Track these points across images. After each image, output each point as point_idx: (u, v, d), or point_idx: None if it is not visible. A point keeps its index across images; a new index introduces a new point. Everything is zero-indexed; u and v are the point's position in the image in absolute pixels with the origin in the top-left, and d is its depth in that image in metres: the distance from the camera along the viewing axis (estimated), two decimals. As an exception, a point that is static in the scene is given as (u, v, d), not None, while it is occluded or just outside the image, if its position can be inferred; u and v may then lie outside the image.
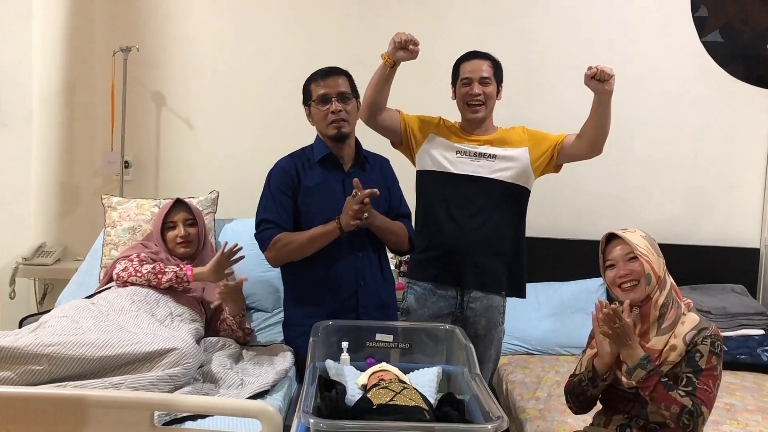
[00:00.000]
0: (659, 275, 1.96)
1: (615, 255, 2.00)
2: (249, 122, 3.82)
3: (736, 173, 3.83)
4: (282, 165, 2.59)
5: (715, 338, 1.89)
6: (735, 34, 3.73)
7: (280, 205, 2.50)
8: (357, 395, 1.94)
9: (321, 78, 2.52)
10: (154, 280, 2.43)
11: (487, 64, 2.66)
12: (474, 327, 2.64)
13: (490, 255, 2.66)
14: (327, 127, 2.51)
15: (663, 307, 1.95)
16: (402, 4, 3.77)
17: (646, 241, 1.98)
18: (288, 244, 2.48)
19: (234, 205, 3.42)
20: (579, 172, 3.77)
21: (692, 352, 1.88)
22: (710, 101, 3.78)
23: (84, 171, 3.86)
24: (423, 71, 3.61)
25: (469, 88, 2.63)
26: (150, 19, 3.78)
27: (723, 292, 3.53)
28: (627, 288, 1.98)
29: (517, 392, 2.91)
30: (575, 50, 3.75)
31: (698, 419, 1.80)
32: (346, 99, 2.52)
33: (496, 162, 2.66)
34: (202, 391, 2.04)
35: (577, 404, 2.09)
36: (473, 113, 2.65)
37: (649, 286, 1.94)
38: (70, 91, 3.81)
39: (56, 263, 3.69)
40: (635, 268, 1.96)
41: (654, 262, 1.95)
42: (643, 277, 1.95)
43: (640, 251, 1.95)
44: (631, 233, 2.00)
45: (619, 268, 1.99)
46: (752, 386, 3.03)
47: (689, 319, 1.94)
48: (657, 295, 1.95)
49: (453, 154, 2.67)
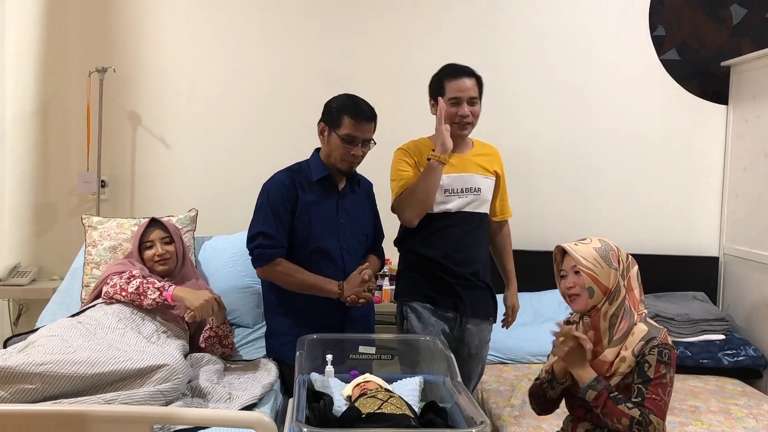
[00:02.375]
0: (607, 287, 1.95)
1: (566, 266, 2.03)
2: (225, 140, 3.88)
3: (695, 185, 3.98)
4: (282, 179, 2.58)
5: (663, 347, 1.91)
6: (691, 52, 3.91)
7: (279, 220, 2.52)
8: (343, 406, 2.00)
9: (355, 118, 2.49)
10: (137, 301, 2.46)
11: (473, 82, 2.67)
12: (468, 347, 2.71)
13: (481, 284, 2.75)
14: (341, 161, 2.55)
15: (613, 317, 1.96)
16: (374, 21, 3.87)
17: (597, 253, 1.97)
18: (286, 274, 2.52)
19: (211, 223, 3.48)
20: (547, 186, 3.93)
21: (641, 362, 1.91)
22: (669, 116, 3.94)
23: (59, 190, 3.87)
24: (396, 86, 3.73)
25: (459, 109, 2.63)
26: (126, 40, 3.82)
27: (685, 299, 3.66)
28: (572, 298, 2.01)
29: (492, 400, 3.01)
30: (538, 67, 3.90)
31: (648, 428, 1.83)
32: (368, 145, 2.56)
33: (481, 195, 2.73)
34: (192, 405, 2.09)
35: (538, 405, 2.15)
36: (461, 129, 2.68)
37: (592, 298, 1.96)
38: (45, 111, 3.83)
39: (32, 283, 3.69)
40: (578, 281, 1.98)
41: (600, 275, 1.95)
42: (584, 290, 1.97)
43: (584, 265, 1.95)
44: (583, 245, 2.00)
45: (568, 279, 2.02)
46: (715, 389, 3.17)
47: (638, 329, 1.95)
48: (605, 307, 1.96)
49: (441, 193, 2.67)
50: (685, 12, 3.89)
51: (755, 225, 3.65)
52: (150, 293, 2.47)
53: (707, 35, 3.91)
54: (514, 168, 2.95)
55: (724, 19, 3.89)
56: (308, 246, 2.55)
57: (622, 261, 2.00)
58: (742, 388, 3.22)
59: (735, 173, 3.87)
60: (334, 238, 2.58)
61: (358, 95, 2.59)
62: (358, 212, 2.69)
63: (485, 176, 2.76)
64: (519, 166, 3.67)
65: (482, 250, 2.79)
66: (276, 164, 2.70)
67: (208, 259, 3.17)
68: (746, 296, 3.72)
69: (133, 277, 2.51)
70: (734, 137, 3.88)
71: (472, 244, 2.72)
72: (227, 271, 3.11)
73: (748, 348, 3.40)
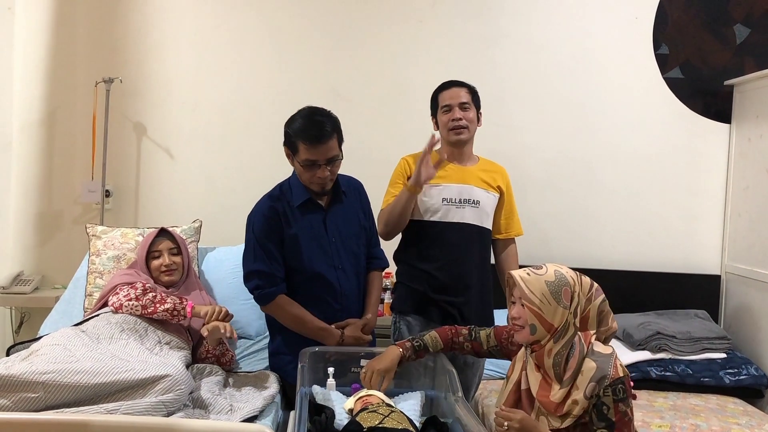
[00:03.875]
0: (551, 325, 1.84)
1: (516, 294, 1.92)
2: (229, 152, 3.90)
3: (697, 203, 3.98)
4: (263, 211, 2.53)
5: (615, 384, 1.79)
6: (694, 71, 3.93)
7: (269, 254, 2.49)
8: (344, 420, 2.01)
9: (309, 142, 2.39)
10: (150, 307, 2.47)
11: (464, 90, 2.76)
12: (464, 357, 2.68)
13: (475, 299, 2.75)
14: (311, 184, 2.50)
15: (557, 356, 1.84)
16: (379, 36, 3.90)
17: (548, 287, 1.84)
18: (287, 310, 2.51)
19: (215, 234, 3.49)
20: (548, 202, 3.93)
21: (598, 405, 1.80)
22: (672, 134, 3.95)
23: (63, 199, 3.89)
24: (400, 101, 3.74)
25: (451, 114, 2.72)
26: (133, 51, 3.85)
27: (687, 317, 3.65)
28: (516, 329, 1.92)
29: (493, 416, 2.99)
30: (541, 84, 3.92)
31: None
32: (334, 161, 2.46)
33: (480, 208, 2.75)
34: (194, 416, 2.08)
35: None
36: (457, 135, 2.73)
37: (534, 335, 1.86)
38: (51, 121, 3.85)
39: (34, 292, 3.70)
40: (522, 314, 1.88)
41: (546, 312, 1.83)
42: (527, 326, 1.86)
43: (528, 299, 1.84)
44: (535, 276, 1.87)
45: (515, 308, 1.92)
46: (716, 408, 3.15)
47: (587, 368, 1.82)
48: (549, 344, 1.85)
49: (439, 202, 2.71)
50: (689, 31, 3.92)
51: (757, 243, 3.65)
52: (169, 300, 2.49)
53: (711, 54, 3.93)
54: (515, 183, 2.95)
55: (728, 39, 3.91)
56: (302, 273, 2.53)
57: (579, 295, 1.86)
58: (744, 407, 3.21)
59: (737, 192, 3.87)
60: (326, 261, 2.55)
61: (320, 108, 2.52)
62: (349, 223, 2.63)
63: (486, 190, 2.77)
64: (520, 182, 3.65)
65: (481, 265, 2.78)
66: (279, 176, 2.71)
67: (211, 270, 3.19)
68: (748, 315, 3.72)
69: (148, 290, 2.53)
70: (737, 156, 3.89)
71: (467, 256, 2.73)
72: (229, 282, 3.12)
73: (749, 367, 3.40)
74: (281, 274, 2.51)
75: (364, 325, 2.55)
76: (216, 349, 2.59)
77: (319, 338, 2.49)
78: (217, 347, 2.59)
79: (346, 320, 2.54)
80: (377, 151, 3.61)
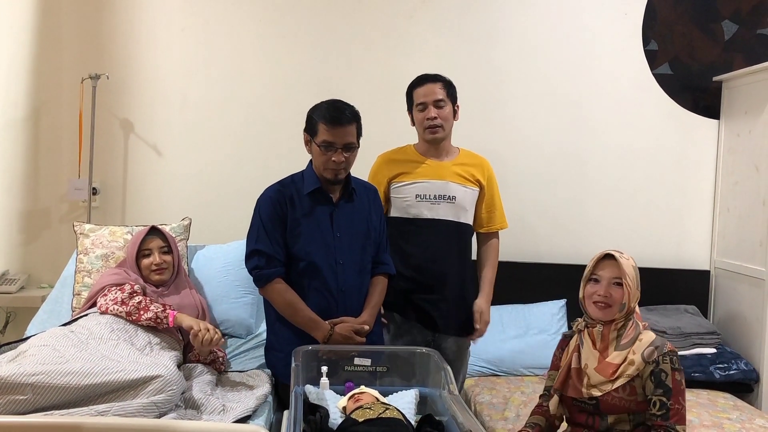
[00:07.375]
0: (631, 306, 2.06)
1: (603, 273, 2.07)
2: (218, 149, 3.85)
3: (686, 199, 3.99)
4: (271, 195, 2.55)
5: (673, 354, 1.99)
6: (683, 67, 3.94)
7: (272, 237, 2.50)
8: (339, 419, 2.00)
9: (330, 123, 2.43)
10: (135, 314, 2.43)
11: (438, 86, 2.71)
12: (446, 354, 2.67)
13: (454, 297, 2.75)
14: (324, 170, 2.50)
15: (621, 328, 2.05)
16: (369, 31, 3.87)
17: (635, 272, 2.07)
18: (282, 295, 2.49)
19: (204, 232, 3.45)
20: (538, 198, 3.93)
21: (656, 372, 1.97)
22: (661, 130, 3.96)
23: (49, 197, 3.84)
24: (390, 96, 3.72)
25: (426, 113, 2.70)
26: (119, 47, 3.80)
27: (677, 312, 3.67)
28: (600, 306, 2.06)
29: (485, 413, 2.99)
30: (532, 80, 3.91)
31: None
32: (350, 149, 2.49)
33: (456, 203, 2.73)
34: (186, 417, 2.05)
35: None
36: (432, 134, 2.72)
37: (620, 313, 2.05)
38: (37, 117, 3.79)
39: (20, 291, 3.65)
40: (615, 294, 2.04)
41: (633, 294, 2.05)
42: (618, 304, 2.04)
43: (627, 282, 2.03)
44: (625, 260, 2.08)
45: (602, 286, 2.06)
46: (707, 403, 3.17)
47: (646, 336, 2.04)
48: (620, 320, 2.06)
49: (413, 199, 2.72)
50: (678, 27, 3.92)
51: (746, 239, 3.67)
52: (153, 308, 2.44)
53: (699, 50, 3.94)
54: (507, 179, 2.95)
55: (716, 35, 3.92)
56: (298, 261, 2.52)
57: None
58: (734, 402, 3.23)
59: (726, 187, 3.89)
60: (326, 253, 2.53)
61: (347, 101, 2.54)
62: (357, 221, 2.61)
63: (463, 185, 2.76)
64: (510, 177, 3.68)
65: (459, 261, 2.76)
66: (269, 173, 2.69)
67: (201, 268, 3.15)
68: (737, 310, 3.74)
69: (135, 293, 2.49)
70: (726, 152, 3.91)
71: (446, 253, 2.72)
72: (219, 280, 3.09)
73: (739, 362, 3.42)
74: (281, 257, 2.51)
75: (359, 326, 2.51)
76: (206, 358, 2.56)
77: (308, 329, 2.47)
78: (208, 356, 2.57)
79: (341, 317, 2.51)
80: (368, 147, 3.56)
